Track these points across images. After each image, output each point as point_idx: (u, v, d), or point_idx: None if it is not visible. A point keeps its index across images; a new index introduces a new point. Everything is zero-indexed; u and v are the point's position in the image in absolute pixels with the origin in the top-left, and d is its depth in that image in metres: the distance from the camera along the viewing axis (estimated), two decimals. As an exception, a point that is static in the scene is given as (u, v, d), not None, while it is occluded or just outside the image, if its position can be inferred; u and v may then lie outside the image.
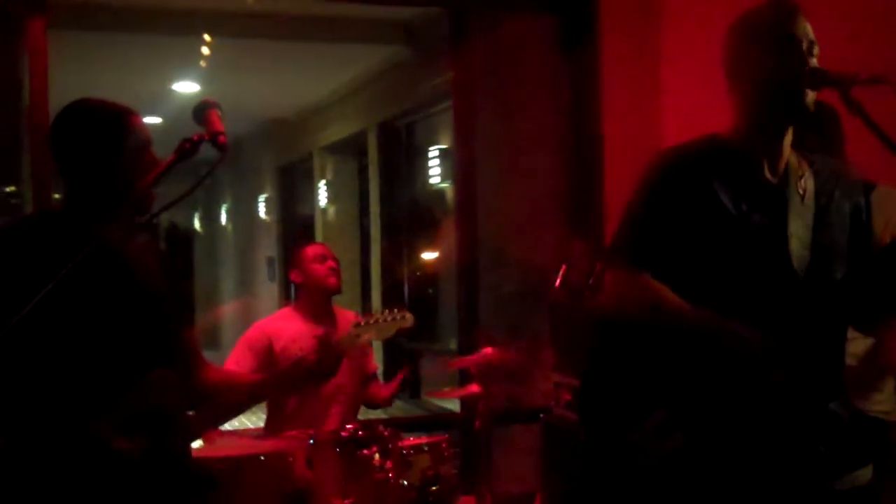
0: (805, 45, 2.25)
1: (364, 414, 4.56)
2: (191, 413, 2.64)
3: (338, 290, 4.31)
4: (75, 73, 6.73)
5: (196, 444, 2.97)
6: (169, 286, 2.59)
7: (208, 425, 2.90)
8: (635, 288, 2.31)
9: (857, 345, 2.81)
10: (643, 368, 2.31)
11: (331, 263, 4.27)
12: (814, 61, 2.26)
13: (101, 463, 2.28)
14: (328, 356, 2.85)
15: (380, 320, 3.31)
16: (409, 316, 3.35)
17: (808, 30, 2.27)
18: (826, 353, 2.29)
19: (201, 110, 2.27)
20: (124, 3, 5.77)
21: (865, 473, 2.35)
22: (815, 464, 2.26)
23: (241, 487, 3.19)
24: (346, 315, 4.35)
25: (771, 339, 2.19)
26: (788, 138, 2.33)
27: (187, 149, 2.20)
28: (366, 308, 9.19)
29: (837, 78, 2.21)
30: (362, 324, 3.27)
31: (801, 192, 2.32)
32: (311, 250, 4.33)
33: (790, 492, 2.25)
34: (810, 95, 2.26)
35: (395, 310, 3.35)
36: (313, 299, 4.29)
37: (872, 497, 2.38)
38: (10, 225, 2.46)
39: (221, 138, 2.22)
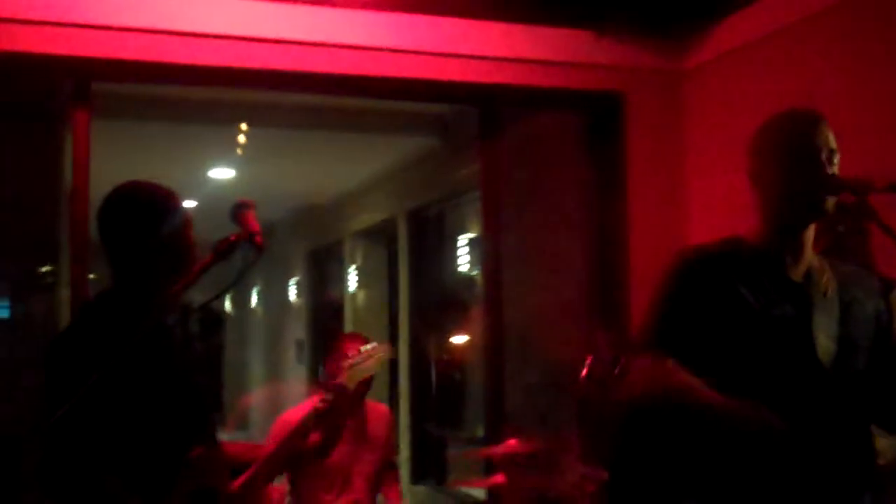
0: (824, 155, 2.32)
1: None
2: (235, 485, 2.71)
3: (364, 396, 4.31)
4: (115, 158, 6.89)
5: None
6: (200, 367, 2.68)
7: (254, 495, 2.95)
8: (662, 375, 2.33)
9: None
10: (671, 458, 2.34)
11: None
12: (833, 169, 2.33)
13: None
14: (338, 398, 2.86)
15: (367, 358, 3.48)
16: (387, 348, 3.60)
17: (828, 139, 2.34)
18: (855, 446, 2.32)
19: (238, 210, 2.34)
20: (164, 94, 5.94)
21: None
22: None
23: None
24: (377, 407, 4.37)
25: (796, 429, 2.21)
26: (810, 239, 2.39)
27: (223, 249, 2.28)
28: (393, 393, 9.19)
29: (854, 186, 2.28)
30: (353, 364, 3.39)
31: (823, 289, 2.37)
32: (349, 350, 4.32)
33: None
34: (830, 200, 2.32)
35: (377, 344, 3.58)
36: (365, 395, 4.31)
37: None
38: (79, 312, 2.55)
39: (258, 238, 2.30)
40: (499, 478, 3.99)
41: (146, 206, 2.53)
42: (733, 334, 2.33)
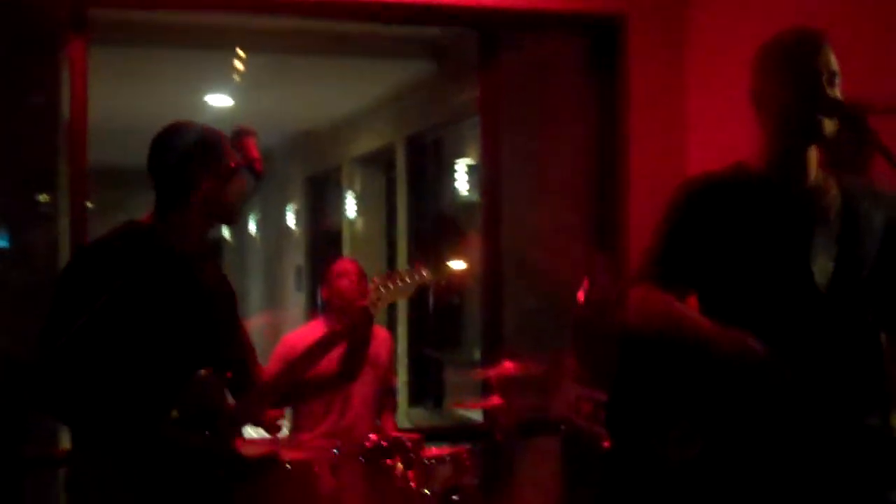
0: (825, 77, 2.32)
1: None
2: (234, 404, 2.77)
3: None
4: (112, 85, 6.88)
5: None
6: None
7: (254, 413, 3.00)
8: (653, 303, 2.38)
9: None
10: (666, 380, 2.38)
11: (352, 280, 4.36)
12: (834, 91, 2.33)
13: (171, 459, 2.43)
14: (360, 320, 2.86)
15: (398, 281, 3.12)
16: (425, 272, 3.17)
17: (829, 60, 2.34)
18: (859, 366, 2.34)
19: (238, 137, 2.35)
20: (161, 20, 5.89)
21: None
22: (849, 478, 2.30)
23: (267, 494, 3.28)
24: (377, 331, 4.43)
25: (792, 352, 2.24)
26: (813, 158, 2.40)
27: (224, 175, 2.29)
28: (392, 317, 9.27)
29: (853, 108, 2.29)
30: (381, 287, 3.09)
31: (826, 207, 2.39)
32: (336, 267, 4.42)
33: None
34: (828, 123, 2.33)
35: (412, 268, 3.20)
36: (340, 314, 4.39)
37: None
38: (106, 236, 2.59)
39: (257, 165, 2.31)
40: (494, 399, 4.05)
41: (202, 145, 2.54)
42: (734, 260, 2.36)
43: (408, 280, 3.13)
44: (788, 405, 2.27)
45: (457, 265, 8.57)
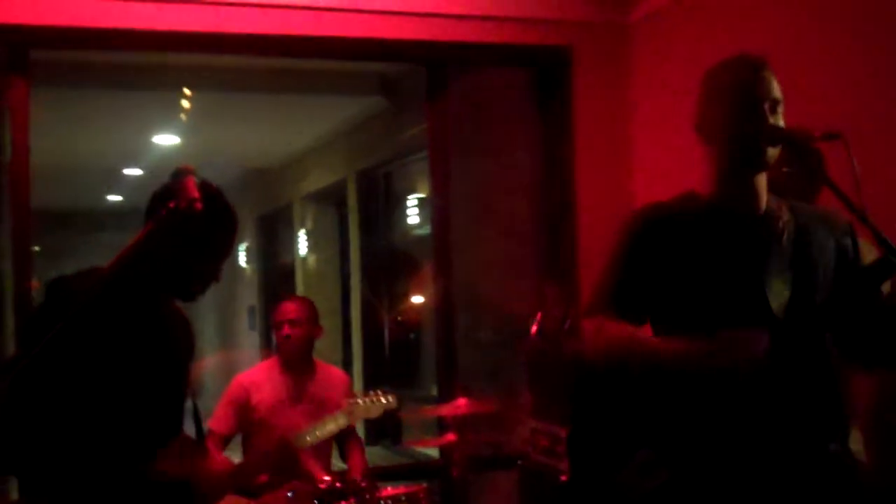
0: (767, 104, 2.32)
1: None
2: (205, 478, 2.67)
3: (290, 357, 4.34)
4: (57, 127, 6.81)
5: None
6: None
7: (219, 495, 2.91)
8: (610, 333, 2.35)
9: None
10: (627, 410, 2.36)
11: (286, 331, 4.31)
12: (776, 118, 2.33)
13: None
14: (283, 457, 3.00)
15: (372, 400, 3.99)
16: (392, 398, 4.05)
17: (771, 87, 2.33)
18: (817, 391, 2.33)
19: (176, 178, 2.28)
20: (105, 60, 5.84)
21: None
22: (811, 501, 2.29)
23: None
24: (328, 370, 4.44)
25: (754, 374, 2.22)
26: (762, 184, 2.39)
27: (164, 217, 2.21)
28: (347, 355, 9.20)
29: (794, 135, 2.29)
30: (360, 401, 3.92)
31: (779, 233, 2.37)
32: (276, 314, 4.39)
33: None
34: (771, 151, 2.33)
35: (381, 392, 4.05)
36: (288, 355, 4.36)
37: None
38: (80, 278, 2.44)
39: (197, 205, 2.23)
40: (450, 436, 4.02)
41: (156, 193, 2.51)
42: (688, 289, 2.34)
43: (382, 401, 4.02)
44: (750, 430, 2.25)
45: (412, 300, 8.54)
